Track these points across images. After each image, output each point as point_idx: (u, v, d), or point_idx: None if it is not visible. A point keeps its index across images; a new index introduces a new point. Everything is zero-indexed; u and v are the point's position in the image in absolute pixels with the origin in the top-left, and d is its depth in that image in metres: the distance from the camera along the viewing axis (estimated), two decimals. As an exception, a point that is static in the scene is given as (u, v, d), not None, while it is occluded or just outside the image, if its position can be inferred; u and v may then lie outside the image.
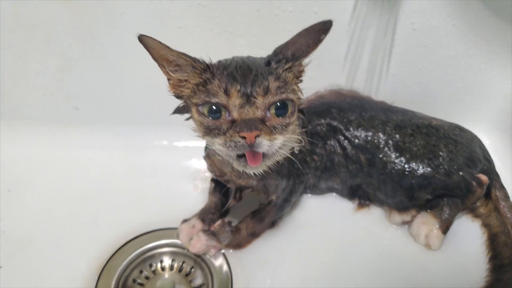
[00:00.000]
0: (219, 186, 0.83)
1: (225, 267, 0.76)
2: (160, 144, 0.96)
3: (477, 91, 0.95)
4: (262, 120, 0.56)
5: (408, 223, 0.82)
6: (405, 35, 0.88)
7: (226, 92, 0.56)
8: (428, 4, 0.84)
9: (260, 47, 0.87)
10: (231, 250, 0.78)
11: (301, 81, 0.64)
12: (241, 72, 0.57)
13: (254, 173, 0.62)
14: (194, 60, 0.59)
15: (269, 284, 0.73)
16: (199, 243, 0.76)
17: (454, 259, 0.77)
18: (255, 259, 0.77)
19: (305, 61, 0.62)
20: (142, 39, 0.57)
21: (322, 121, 0.83)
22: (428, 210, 0.81)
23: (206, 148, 0.73)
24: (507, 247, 0.77)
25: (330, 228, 0.83)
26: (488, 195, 0.83)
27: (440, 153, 0.79)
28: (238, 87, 0.55)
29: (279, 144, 0.57)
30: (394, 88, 0.95)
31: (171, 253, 0.79)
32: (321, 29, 0.60)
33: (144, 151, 0.95)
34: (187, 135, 0.62)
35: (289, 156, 0.62)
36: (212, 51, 0.61)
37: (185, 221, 0.80)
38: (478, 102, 0.96)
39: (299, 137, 0.63)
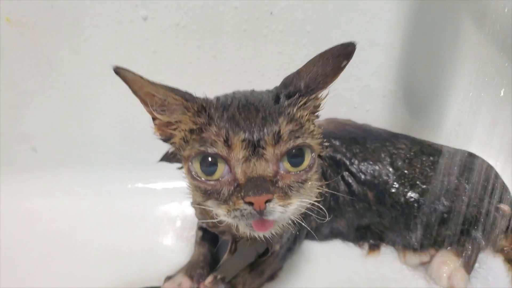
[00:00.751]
0: (208, 234, 0.71)
1: None
2: (134, 187, 0.83)
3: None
4: (274, 178, 0.45)
5: (426, 263, 0.72)
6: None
7: (227, 142, 0.44)
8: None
9: (248, 73, 0.78)
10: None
11: (317, 117, 0.52)
12: (244, 115, 0.45)
13: None
14: (186, 98, 0.47)
15: None
16: (187, 306, 0.63)
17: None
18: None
19: (323, 93, 0.50)
20: (119, 72, 0.46)
21: (323, 154, 0.73)
22: (448, 248, 0.71)
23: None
24: (537, 285, 0.69)
25: (338, 276, 0.72)
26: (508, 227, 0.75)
27: (457, 184, 0.71)
28: (242, 135, 0.44)
29: (293, 209, 0.46)
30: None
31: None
32: (342, 54, 0.46)
33: (116, 196, 0.83)
34: (164, 175, 0.51)
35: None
36: (192, 79, 0.51)
37: (169, 278, 0.66)
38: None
39: (319, 192, 0.51)
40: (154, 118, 0.51)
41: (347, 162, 0.73)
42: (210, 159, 0.45)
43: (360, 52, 0.46)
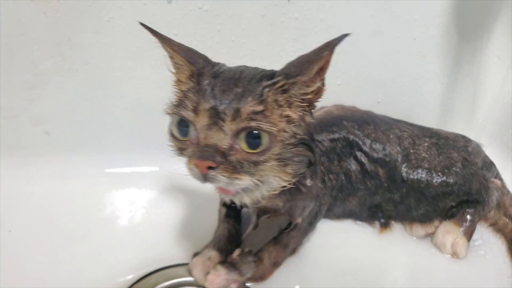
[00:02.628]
0: (231, 211, 0.74)
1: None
2: (150, 171, 0.84)
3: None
4: (227, 151, 0.47)
5: (431, 234, 0.78)
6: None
7: (195, 109, 0.48)
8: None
9: (262, 58, 0.81)
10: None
11: (314, 107, 0.54)
12: (223, 87, 0.48)
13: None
14: (188, 58, 0.52)
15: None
16: (218, 278, 0.64)
17: (482, 266, 0.75)
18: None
19: (315, 85, 0.50)
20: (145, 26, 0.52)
21: (337, 135, 0.76)
22: (450, 219, 0.77)
23: None
24: (527, 251, 0.77)
25: (353, 250, 0.76)
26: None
27: (457, 161, 0.78)
28: (208, 105, 0.47)
29: (243, 184, 0.48)
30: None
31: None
32: (329, 44, 0.47)
33: (129, 179, 0.82)
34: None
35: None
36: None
37: (196, 254, 0.68)
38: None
39: (290, 177, 0.52)
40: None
41: (360, 142, 0.76)
42: (183, 121, 0.49)
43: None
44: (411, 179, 0.76)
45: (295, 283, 0.69)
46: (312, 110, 0.55)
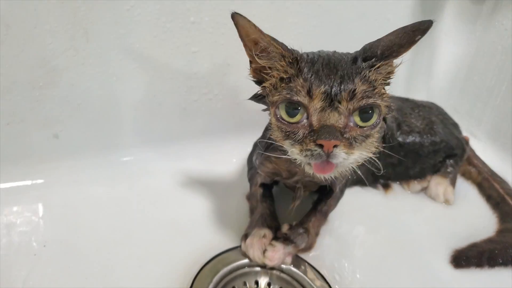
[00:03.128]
0: (267, 191, 0.77)
1: (318, 278, 0.69)
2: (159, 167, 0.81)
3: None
4: (343, 129, 0.52)
5: (425, 188, 0.91)
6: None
7: (309, 93, 0.52)
8: None
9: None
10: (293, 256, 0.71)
11: (389, 84, 0.59)
12: (327, 71, 0.53)
13: None
14: (285, 48, 0.54)
15: (364, 272, 0.70)
16: (277, 253, 0.67)
17: (468, 207, 0.89)
18: (331, 254, 0.73)
19: (397, 62, 0.57)
20: (234, 17, 0.52)
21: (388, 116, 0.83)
22: (439, 173, 0.91)
23: (262, 153, 0.67)
24: (493, 190, 0.93)
25: (367, 210, 0.85)
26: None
27: (438, 124, 0.91)
28: (323, 89, 0.51)
29: (354, 159, 0.54)
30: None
31: (243, 276, 0.68)
32: (418, 29, 0.53)
33: (147, 176, 0.79)
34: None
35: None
36: (223, 49, 0.56)
37: (246, 236, 0.70)
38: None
39: (376, 148, 0.58)
40: (251, 62, 0.57)
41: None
42: (293, 104, 0.53)
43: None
44: (407, 143, 0.87)
45: (330, 248, 0.74)
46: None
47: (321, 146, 0.49)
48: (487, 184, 0.94)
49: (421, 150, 0.88)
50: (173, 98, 0.77)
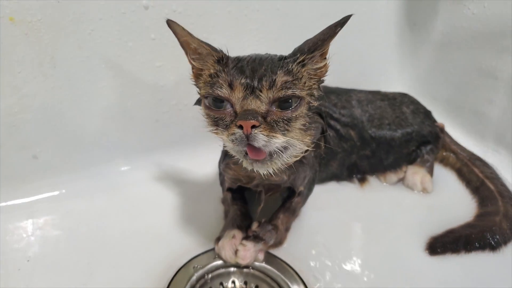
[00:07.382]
0: (237, 195, 0.80)
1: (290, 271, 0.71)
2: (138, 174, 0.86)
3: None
4: (265, 115, 0.56)
5: (402, 179, 0.92)
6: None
7: (230, 86, 0.56)
8: None
9: (232, 50, 0.87)
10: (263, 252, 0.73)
11: (322, 81, 0.63)
12: (251, 67, 0.57)
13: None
14: (212, 48, 0.60)
15: (338, 263, 0.73)
16: (248, 252, 0.70)
17: (447, 194, 0.90)
18: (305, 248, 0.75)
19: (327, 59, 0.61)
20: (170, 24, 0.59)
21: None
22: (415, 162, 0.92)
23: (224, 158, 0.72)
24: (472, 174, 0.93)
25: (343, 205, 0.87)
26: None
27: (408, 114, 0.92)
28: (243, 80, 0.55)
29: (278, 143, 0.56)
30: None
31: (219, 276, 0.71)
32: (338, 24, 0.57)
33: (124, 188, 0.83)
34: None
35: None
36: (186, 60, 0.60)
37: (218, 238, 0.73)
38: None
39: (310, 141, 0.62)
40: (192, 68, 0.63)
41: (330, 112, 0.88)
42: (217, 99, 0.57)
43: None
44: (378, 135, 0.89)
45: (304, 243, 0.77)
46: (320, 85, 0.63)
47: (241, 127, 0.53)
48: (466, 169, 0.95)
49: (393, 142, 0.90)
50: (144, 111, 0.82)
